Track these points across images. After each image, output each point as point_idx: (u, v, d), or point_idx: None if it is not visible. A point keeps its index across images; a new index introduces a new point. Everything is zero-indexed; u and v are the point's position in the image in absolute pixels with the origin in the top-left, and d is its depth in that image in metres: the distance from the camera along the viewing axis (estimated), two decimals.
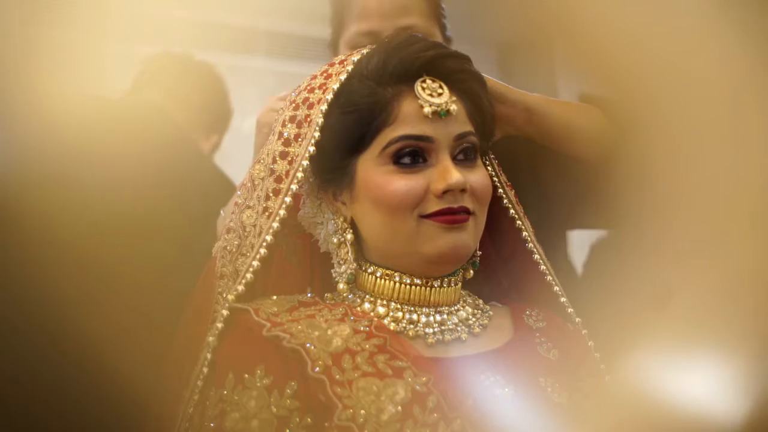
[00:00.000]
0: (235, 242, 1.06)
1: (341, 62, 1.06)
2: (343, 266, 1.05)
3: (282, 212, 1.03)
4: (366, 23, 1.38)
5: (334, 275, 1.07)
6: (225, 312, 1.01)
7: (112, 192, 1.38)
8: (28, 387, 1.26)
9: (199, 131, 1.91)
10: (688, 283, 0.68)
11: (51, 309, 1.25)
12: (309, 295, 1.08)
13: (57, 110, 1.38)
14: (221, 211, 1.26)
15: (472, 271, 1.10)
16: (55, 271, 1.25)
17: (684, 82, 0.65)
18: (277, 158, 1.05)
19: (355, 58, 1.05)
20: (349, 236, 1.05)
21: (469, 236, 1.02)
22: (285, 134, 1.05)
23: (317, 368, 0.92)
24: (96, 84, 1.66)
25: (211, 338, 1.01)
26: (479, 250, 1.10)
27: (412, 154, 1.00)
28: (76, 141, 1.37)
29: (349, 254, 1.05)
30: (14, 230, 1.26)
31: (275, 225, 1.03)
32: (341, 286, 1.05)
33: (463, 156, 1.03)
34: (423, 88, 1.02)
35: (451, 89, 1.03)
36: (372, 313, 1.03)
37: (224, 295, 1.03)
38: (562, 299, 1.14)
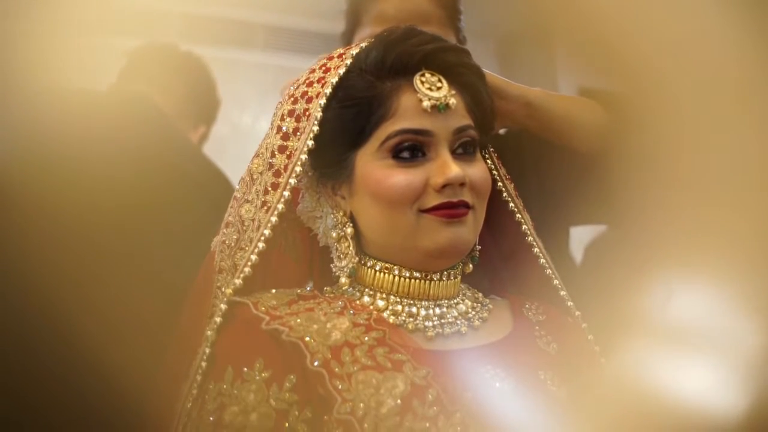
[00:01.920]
0: (234, 236, 1.05)
1: (340, 56, 1.06)
2: (344, 261, 1.05)
3: (280, 206, 1.02)
4: (382, 29, 1.38)
5: (334, 270, 1.07)
6: (223, 306, 1.01)
7: (102, 184, 1.38)
8: (26, 380, 1.26)
9: (187, 122, 1.90)
10: (689, 278, 0.68)
11: (47, 304, 1.24)
12: (308, 288, 1.07)
13: (44, 103, 1.38)
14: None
15: (471, 266, 1.10)
16: (49, 266, 1.24)
17: (689, 73, 0.65)
18: (276, 152, 1.04)
19: (354, 51, 1.05)
20: (349, 230, 1.05)
21: (468, 230, 1.02)
22: (283, 128, 1.05)
23: (316, 361, 0.92)
24: (89, 78, 1.66)
25: (209, 332, 1.00)
26: (479, 244, 1.10)
27: (411, 149, 1.00)
28: (63, 134, 1.36)
29: (350, 248, 1.05)
30: (3, 225, 1.25)
31: (273, 219, 1.02)
32: (343, 280, 1.05)
33: (462, 150, 1.03)
34: (422, 82, 1.01)
35: (450, 83, 1.03)
36: (371, 307, 1.03)
37: (223, 290, 1.03)
38: (562, 293, 1.14)
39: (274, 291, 1.04)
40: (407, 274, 1.04)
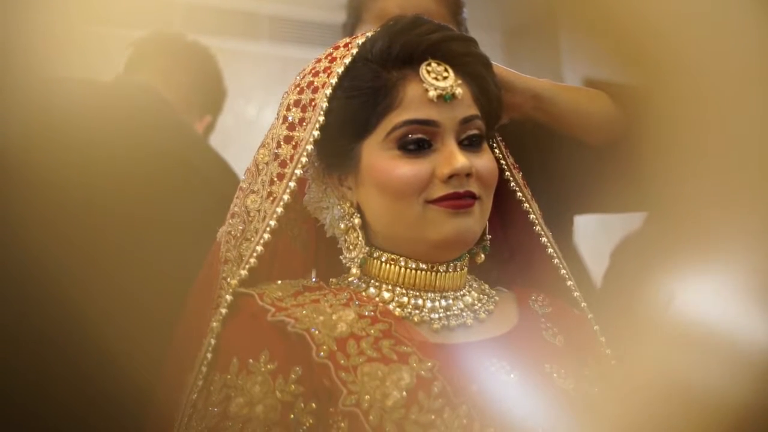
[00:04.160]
0: (240, 227, 1.05)
1: (345, 45, 1.05)
2: (354, 251, 1.04)
3: (286, 197, 1.02)
4: None
5: (344, 261, 1.06)
6: (229, 297, 1.01)
7: (106, 174, 1.38)
8: (30, 373, 1.26)
9: (193, 112, 1.90)
10: (698, 271, 0.67)
11: (52, 295, 1.24)
12: (314, 280, 1.07)
13: (49, 93, 1.38)
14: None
15: (483, 256, 1.09)
16: (56, 260, 1.24)
17: (706, 63, 0.64)
18: (282, 143, 1.04)
19: (360, 41, 1.04)
20: (357, 221, 1.04)
21: (474, 221, 1.01)
22: (289, 118, 1.04)
23: (322, 353, 0.92)
24: (95, 68, 1.66)
25: (215, 323, 1.00)
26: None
27: (418, 142, 0.99)
28: (68, 124, 1.36)
29: (360, 239, 1.04)
30: (8, 217, 1.25)
31: (279, 210, 1.02)
32: (354, 270, 1.04)
33: (469, 141, 1.02)
34: (428, 72, 1.01)
35: (457, 72, 1.02)
36: (377, 298, 1.03)
37: (228, 280, 1.03)
38: (569, 283, 1.14)
39: (279, 282, 1.04)
40: (413, 266, 1.03)
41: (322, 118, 1.01)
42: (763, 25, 0.62)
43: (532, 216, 1.13)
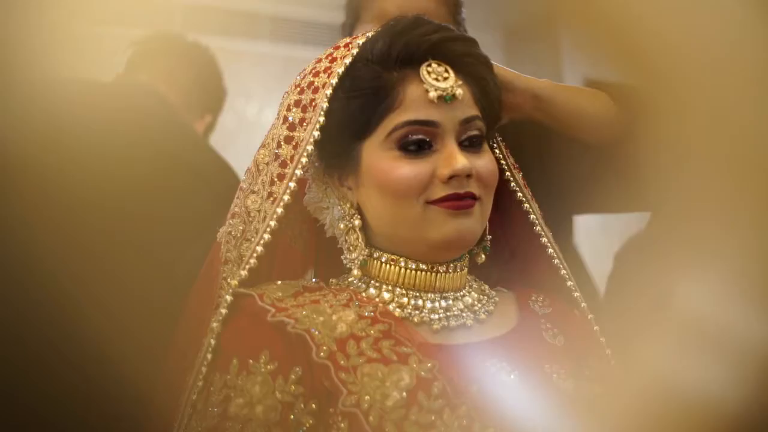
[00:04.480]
0: (240, 227, 1.05)
1: (346, 45, 1.05)
2: (355, 252, 1.04)
3: (286, 197, 1.02)
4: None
5: (345, 261, 1.06)
6: (229, 297, 1.01)
7: (107, 175, 1.37)
8: (30, 373, 1.26)
9: (193, 112, 1.90)
10: (699, 272, 0.67)
11: (52, 295, 1.24)
12: (314, 280, 1.07)
13: (49, 94, 1.38)
14: None
15: (483, 256, 1.09)
16: (54, 257, 1.24)
17: (706, 64, 0.64)
18: (282, 143, 1.04)
19: (360, 41, 1.04)
20: (357, 222, 1.04)
21: (474, 222, 1.01)
22: (290, 119, 1.04)
23: (322, 354, 0.92)
24: (95, 68, 1.66)
25: (215, 324, 1.00)
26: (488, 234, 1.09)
27: (418, 143, 0.99)
28: (68, 125, 1.36)
29: (360, 240, 1.04)
30: (10, 217, 1.25)
31: (279, 210, 1.02)
32: (355, 272, 1.04)
33: (469, 141, 1.02)
34: (428, 72, 1.00)
35: (457, 73, 1.02)
36: (377, 299, 1.03)
37: (228, 281, 1.03)
38: (569, 283, 1.14)
39: (279, 283, 1.04)
40: (413, 266, 1.03)
41: (322, 119, 1.01)
42: (763, 25, 0.62)
43: (532, 216, 1.13)
